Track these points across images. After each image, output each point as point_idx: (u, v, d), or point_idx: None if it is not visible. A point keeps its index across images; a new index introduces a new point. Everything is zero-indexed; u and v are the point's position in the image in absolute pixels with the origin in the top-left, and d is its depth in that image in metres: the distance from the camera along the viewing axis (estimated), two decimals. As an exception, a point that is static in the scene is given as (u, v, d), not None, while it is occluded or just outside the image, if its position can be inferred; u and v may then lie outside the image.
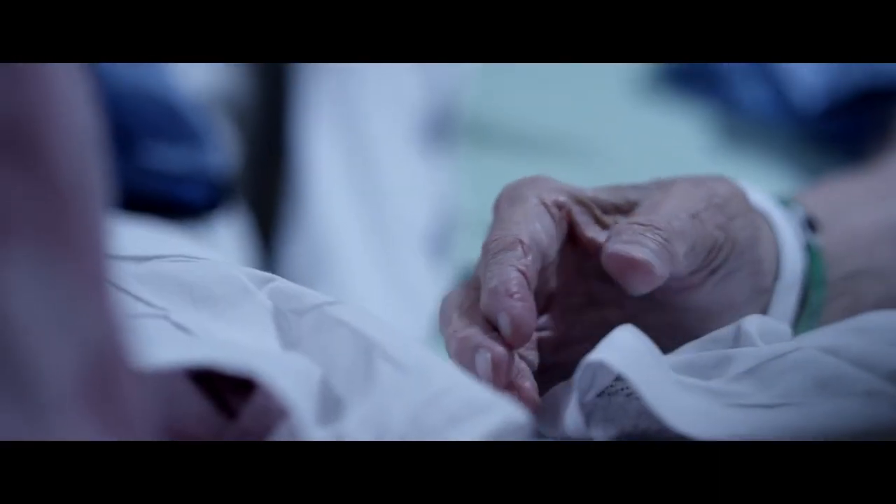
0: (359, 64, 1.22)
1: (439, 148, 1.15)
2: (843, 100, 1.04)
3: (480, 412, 0.51)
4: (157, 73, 1.06)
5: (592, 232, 0.64)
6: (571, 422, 0.56)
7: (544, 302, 0.65)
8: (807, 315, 0.69)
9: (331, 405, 0.53)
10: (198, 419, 0.54)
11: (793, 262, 0.68)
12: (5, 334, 0.31)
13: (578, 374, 0.56)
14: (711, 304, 0.65)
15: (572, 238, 0.64)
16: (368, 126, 1.19)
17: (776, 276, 0.67)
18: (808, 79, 1.05)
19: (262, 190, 1.23)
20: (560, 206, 0.63)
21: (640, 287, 0.61)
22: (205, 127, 1.03)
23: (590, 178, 1.07)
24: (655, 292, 0.62)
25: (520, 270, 0.59)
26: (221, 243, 1.02)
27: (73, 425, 0.33)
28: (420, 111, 1.18)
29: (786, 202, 0.70)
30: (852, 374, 0.55)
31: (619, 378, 0.58)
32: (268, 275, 0.59)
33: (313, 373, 0.53)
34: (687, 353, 0.61)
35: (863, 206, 0.77)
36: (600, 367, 0.56)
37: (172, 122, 1.01)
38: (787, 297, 0.68)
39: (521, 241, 0.60)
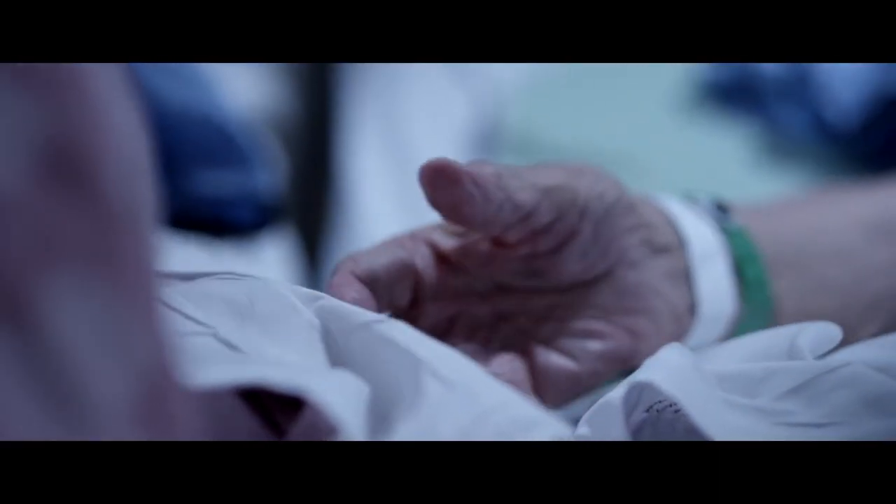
0: (404, 81, 1.23)
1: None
2: (877, 116, 1.04)
3: (528, 429, 0.51)
4: (205, 93, 1.07)
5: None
6: (617, 438, 0.56)
7: (446, 324, 0.66)
8: (752, 289, 0.70)
9: (379, 422, 0.53)
10: (247, 436, 0.54)
11: (700, 234, 0.69)
12: (58, 358, 0.31)
13: (624, 393, 0.56)
14: (614, 277, 0.66)
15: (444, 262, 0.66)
16: (414, 142, 1.19)
17: (680, 246, 0.68)
18: (843, 97, 1.05)
19: (308, 207, 1.24)
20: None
21: (446, 189, 0.62)
22: (253, 148, 1.04)
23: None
24: (550, 279, 0.65)
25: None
26: (268, 261, 1.02)
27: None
28: (465, 128, 1.18)
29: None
30: None
31: (666, 394, 0.58)
32: (316, 293, 0.59)
33: (361, 390, 0.54)
34: (736, 360, 0.61)
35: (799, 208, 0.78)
36: (648, 386, 0.56)
37: (221, 145, 1.02)
38: (710, 267, 0.69)
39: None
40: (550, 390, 0.66)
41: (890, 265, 0.75)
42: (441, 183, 0.62)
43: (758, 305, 0.70)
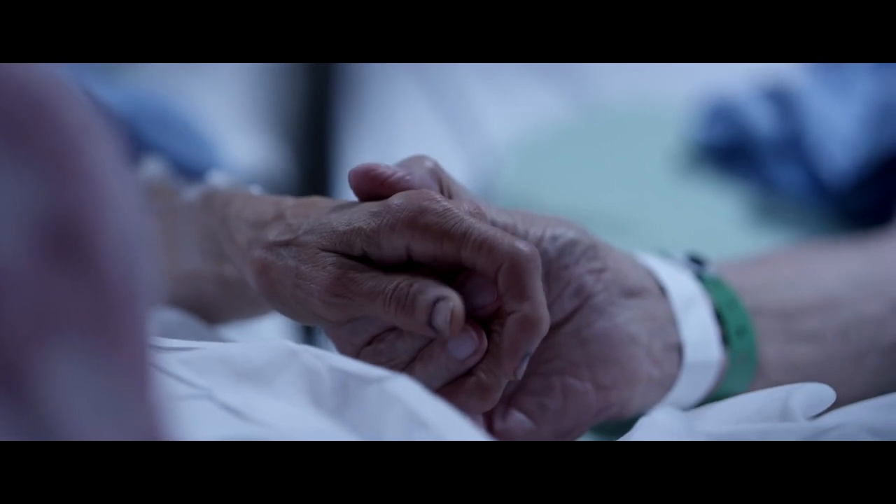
0: (401, 141, 1.24)
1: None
2: (870, 175, 1.05)
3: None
4: (207, 153, 1.08)
5: None
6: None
7: None
8: (736, 337, 0.68)
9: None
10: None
11: (679, 281, 0.67)
12: (54, 429, 0.32)
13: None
14: (578, 325, 0.63)
15: None
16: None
17: (657, 291, 0.66)
18: (837, 157, 1.06)
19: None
20: None
21: (364, 183, 0.62)
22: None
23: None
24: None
25: None
26: (265, 326, 1.03)
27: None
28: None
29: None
30: None
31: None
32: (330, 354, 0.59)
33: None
34: (729, 422, 0.61)
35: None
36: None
37: None
38: (692, 312, 0.67)
39: None
40: None
41: (877, 318, 0.74)
42: (366, 188, 0.62)
43: (742, 353, 0.68)
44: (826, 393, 0.61)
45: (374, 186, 0.62)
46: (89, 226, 0.32)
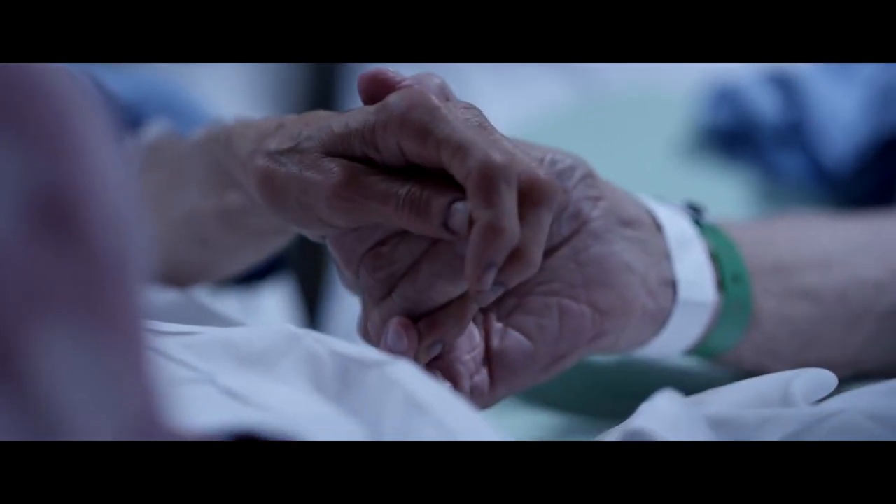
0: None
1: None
2: (870, 159, 1.05)
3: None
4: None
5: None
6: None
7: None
8: (731, 283, 0.68)
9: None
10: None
11: (675, 221, 0.67)
12: (46, 408, 0.32)
13: (616, 439, 0.57)
14: (576, 247, 0.63)
15: None
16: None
17: (652, 224, 0.67)
18: (838, 142, 1.06)
19: (309, 259, 1.24)
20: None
21: (375, 87, 0.61)
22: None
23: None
24: None
25: None
26: (269, 311, 1.03)
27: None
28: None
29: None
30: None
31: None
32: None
33: (360, 435, 0.53)
34: (731, 405, 0.61)
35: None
36: (641, 434, 0.56)
37: None
38: (687, 251, 0.66)
39: None
40: (507, 371, 0.63)
41: (876, 283, 0.74)
42: (374, 92, 0.62)
43: (737, 301, 0.68)
44: (828, 378, 0.61)
45: (382, 90, 0.61)
46: (79, 201, 0.32)
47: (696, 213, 0.70)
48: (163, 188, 0.75)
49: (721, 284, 0.68)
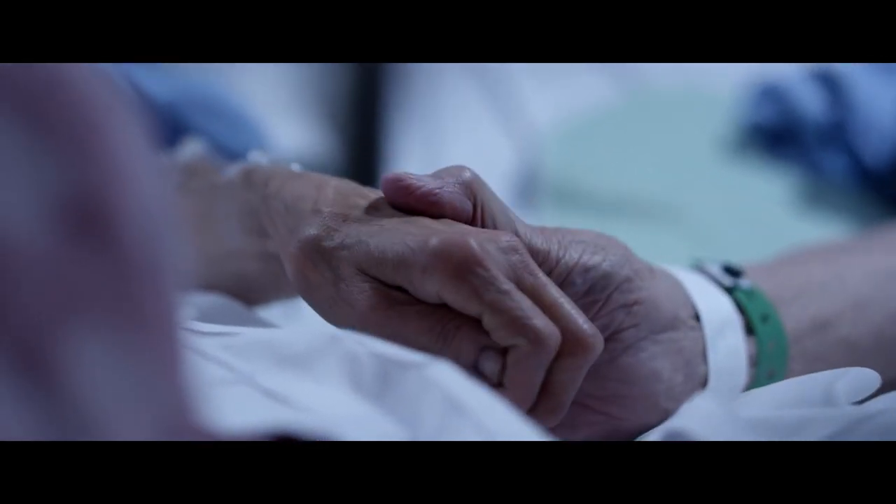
0: (448, 127, 1.24)
1: (525, 210, 1.16)
2: None
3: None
4: (254, 139, 1.09)
5: None
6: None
7: None
8: (769, 351, 0.67)
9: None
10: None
11: (713, 303, 0.66)
12: (79, 411, 0.32)
13: (657, 439, 0.56)
14: (600, 359, 0.61)
15: None
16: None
17: (690, 318, 0.66)
18: (880, 142, 1.05)
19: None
20: None
21: (393, 194, 0.62)
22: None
23: (674, 238, 1.07)
24: None
25: None
26: (311, 316, 1.03)
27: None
28: (508, 174, 1.19)
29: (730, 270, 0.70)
30: None
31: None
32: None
33: (398, 436, 0.53)
34: (772, 405, 0.60)
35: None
36: (681, 434, 0.56)
37: None
38: (723, 339, 0.66)
39: None
40: None
41: None
42: (396, 197, 0.62)
43: (774, 369, 0.68)
44: (871, 378, 0.60)
45: (402, 197, 0.62)
46: (111, 204, 0.32)
47: (734, 277, 0.69)
48: (197, 218, 0.75)
49: (757, 356, 0.67)
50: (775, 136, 1.12)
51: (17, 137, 0.32)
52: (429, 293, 0.59)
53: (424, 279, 0.59)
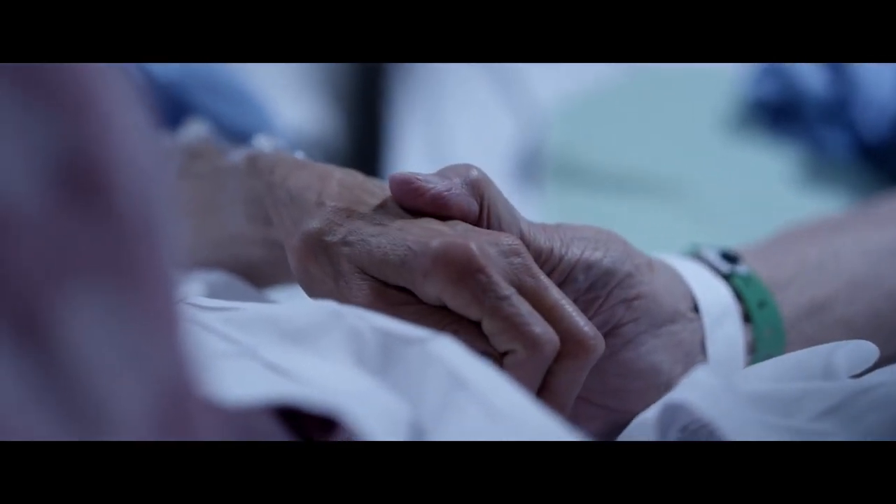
0: (450, 103, 1.24)
1: (528, 187, 1.16)
2: None
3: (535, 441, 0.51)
4: (258, 118, 1.09)
5: None
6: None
7: None
8: (766, 338, 0.68)
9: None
10: (283, 455, 0.54)
11: (712, 295, 0.67)
12: (76, 374, 0.32)
13: (658, 413, 0.57)
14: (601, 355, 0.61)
15: None
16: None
17: (688, 310, 0.66)
18: (880, 119, 1.05)
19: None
20: None
21: (401, 196, 0.62)
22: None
23: (676, 214, 1.07)
24: None
25: None
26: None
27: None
28: (510, 150, 1.19)
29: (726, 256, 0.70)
30: None
31: (700, 415, 0.58)
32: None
33: (400, 411, 0.54)
34: (772, 379, 0.61)
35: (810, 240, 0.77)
36: (681, 407, 0.56)
37: None
38: (721, 329, 0.66)
39: None
40: None
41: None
42: (404, 199, 0.62)
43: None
44: (870, 350, 0.61)
45: (412, 199, 0.62)
46: (104, 165, 0.32)
47: (731, 264, 0.69)
48: (201, 202, 0.76)
49: (755, 343, 0.67)
50: (777, 113, 1.12)
51: (12, 98, 0.32)
52: (429, 296, 0.60)
53: (425, 283, 0.59)
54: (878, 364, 0.61)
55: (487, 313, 0.58)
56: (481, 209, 0.63)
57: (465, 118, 1.22)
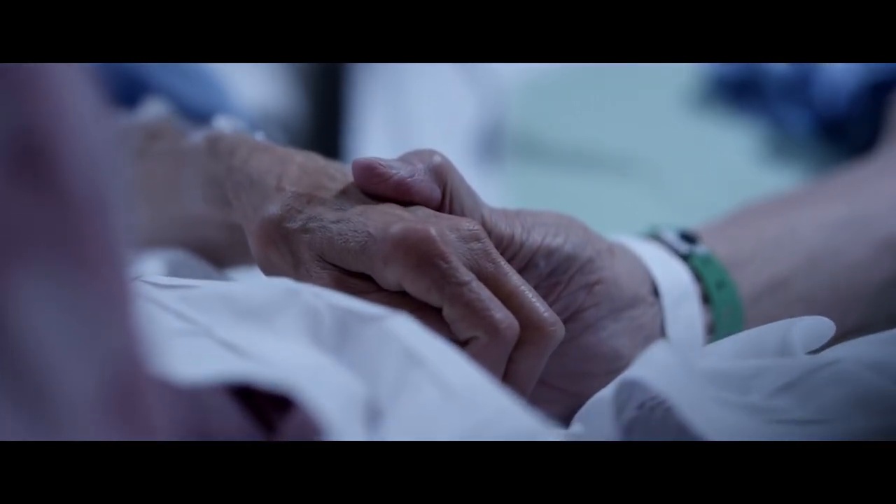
0: (413, 81, 1.24)
1: (489, 164, 1.16)
2: (864, 106, 1.05)
3: (528, 439, 0.51)
4: (218, 95, 1.08)
5: None
6: (609, 437, 0.57)
7: None
8: (725, 320, 0.68)
9: (372, 423, 0.53)
10: (237, 433, 0.54)
11: (671, 277, 0.67)
12: (23, 351, 0.31)
13: (614, 391, 0.56)
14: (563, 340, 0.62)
15: None
16: (422, 143, 1.20)
17: (649, 294, 0.66)
18: (838, 96, 1.06)
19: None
20: None
21: (364, 181, 0.62)
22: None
23: (638, 191, 1.07)
24: None
25: None
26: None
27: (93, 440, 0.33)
28: (472, 128, 1.19)
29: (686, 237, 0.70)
30: (892, 392, 0.55)
31: (658, 392, 0.58)
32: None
33: (356, 389, 0.53)
34: (727, 356, 0.61)
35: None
36: (635, 384, 0.56)
37: None
38: (681, 311, 0.67)
39: None
40: None
41: (863, 263, 0.74)
42: (367, 185, 0.62)
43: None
44: (826, 326, 0.61)
45: (374, 185, 0.62)
46: (53, 143, 0.32)
47: (690, 244, 0.69)
48: (161, 183, 0.75)
49: (714, 323, 0.68)
50: (739, 89, 1.12)
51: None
52: (389, 282, 0.59)
53: (385, 269, 0.59)
54: (836, 338, 0.61)
55: (447, 300, 0.58)
56: (444, 195, 0.63)
57: (427, 96, 1.22)
